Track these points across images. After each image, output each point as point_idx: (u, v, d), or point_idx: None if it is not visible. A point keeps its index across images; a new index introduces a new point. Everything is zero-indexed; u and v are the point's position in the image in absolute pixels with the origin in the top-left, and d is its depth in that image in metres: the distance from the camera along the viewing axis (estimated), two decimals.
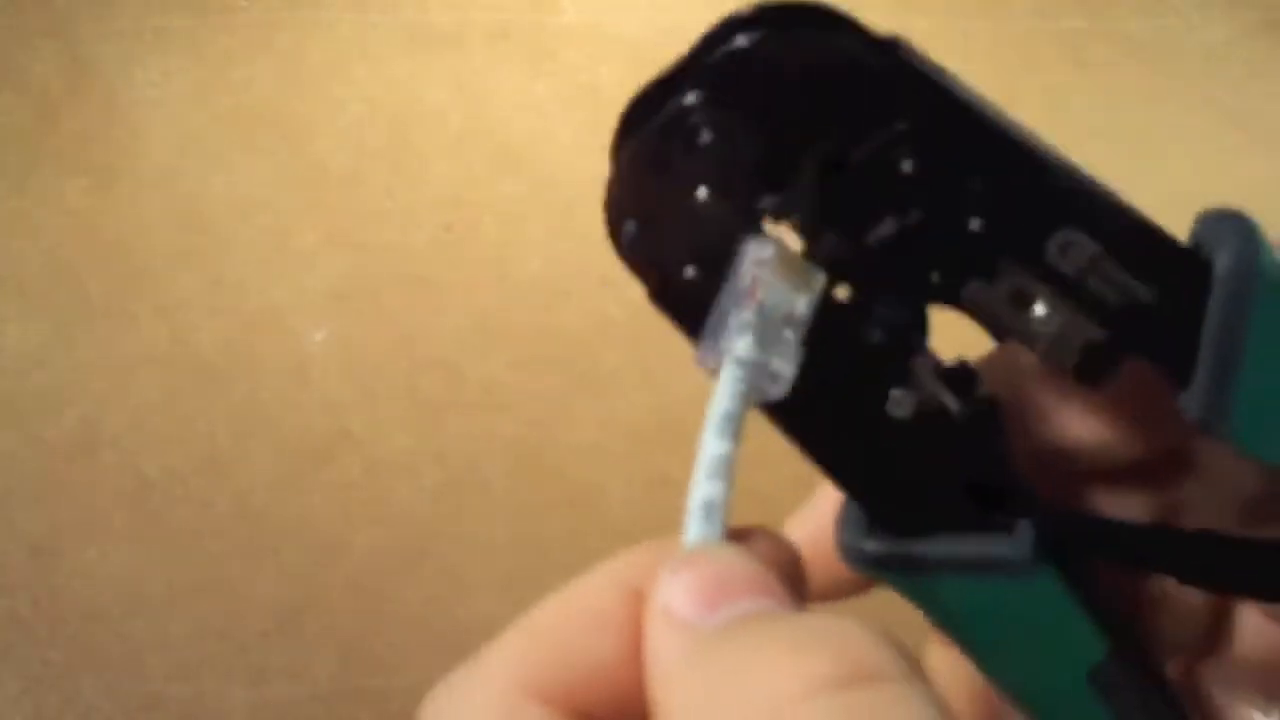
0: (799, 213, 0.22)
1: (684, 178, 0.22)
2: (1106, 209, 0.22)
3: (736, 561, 0.19)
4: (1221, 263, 0.22)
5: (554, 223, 0.59)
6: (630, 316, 0.57)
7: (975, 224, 0.22)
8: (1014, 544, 0.24)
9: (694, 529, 0.20)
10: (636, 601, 0.20)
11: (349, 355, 0.54)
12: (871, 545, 0.25)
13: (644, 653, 0.19)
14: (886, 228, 0.22)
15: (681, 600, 0.19)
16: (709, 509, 0.20)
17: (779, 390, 0.22)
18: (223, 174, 0.60)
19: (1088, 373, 0.23)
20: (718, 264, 0.22)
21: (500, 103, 0.64)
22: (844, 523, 0.25)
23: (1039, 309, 0.23)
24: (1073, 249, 0.22)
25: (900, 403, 0.23)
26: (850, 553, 0.25)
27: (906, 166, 0.22)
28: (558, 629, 0.20)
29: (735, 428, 0.20)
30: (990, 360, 0.25)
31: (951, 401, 0.23)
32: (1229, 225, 0.22)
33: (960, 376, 0.24)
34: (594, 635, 0.20)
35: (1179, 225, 0.23)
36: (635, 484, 0.52)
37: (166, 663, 0.45)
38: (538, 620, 0.20)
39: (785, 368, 0.22)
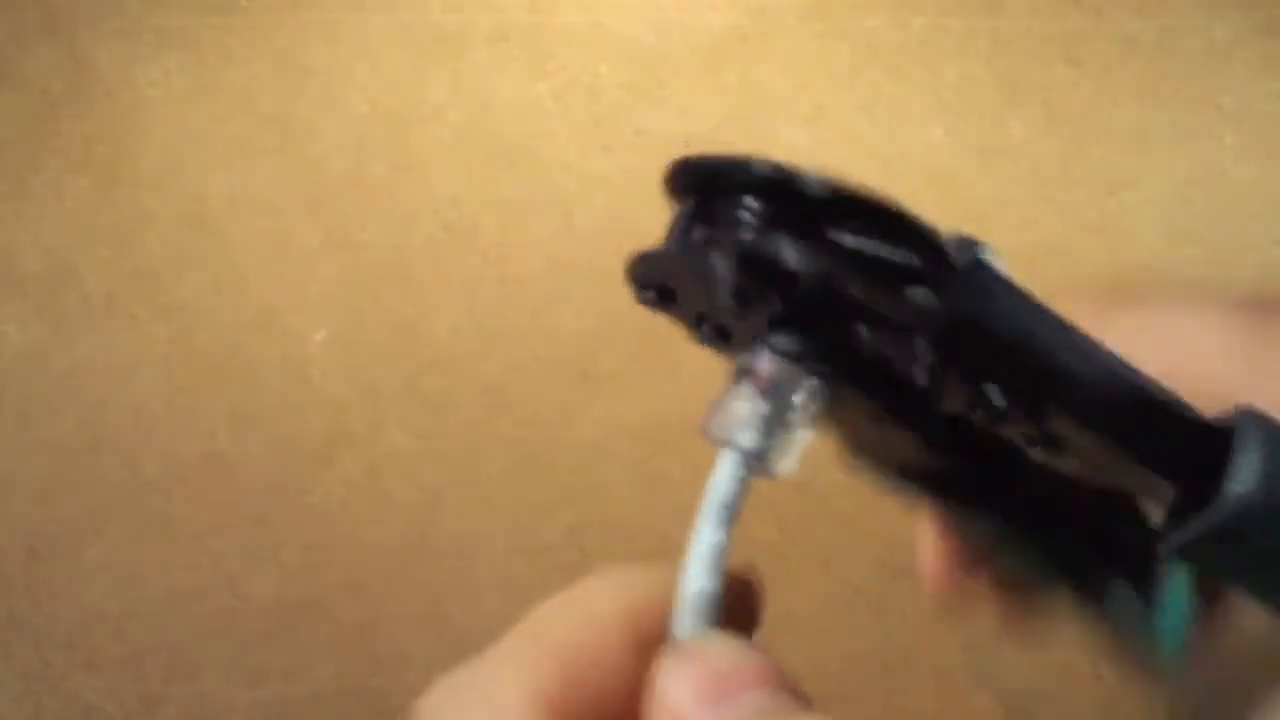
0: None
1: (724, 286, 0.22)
2: (1113, 405, 0.21)
3: (738, 655, 0.19)
4: (1235, 486, 0.20)
5: (554, 223, 0.59)
6: (630, 316, 0.57)
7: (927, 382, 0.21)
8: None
9: (689, 620, 0.20)
10: (636, 631, 0.20)
11: (349, 355, 0.54)
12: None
13: None
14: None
15: (683, 695, 0.19)
16: (706, 600, 0.20)
17: (777, 472, 0.21)
18: (223, 174, 0.60)
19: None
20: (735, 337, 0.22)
21: (500, 103, 0.64)
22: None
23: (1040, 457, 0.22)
24: (1070, 429, 0.21)
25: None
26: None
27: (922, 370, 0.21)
28: (566, 644, 0.20)
29: (731, 516, 0.20)
30: None
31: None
32: (1253, 430, 0.21)
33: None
34: (600, 656, 0.20)
35: (1180, 224, 0.23)
36: (635, 484, 0.52)
37: (166, 663, 0.45)
38: (544, 631, 0.20)
39: (785, 462, 0.21)
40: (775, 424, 0.21)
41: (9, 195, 0.58)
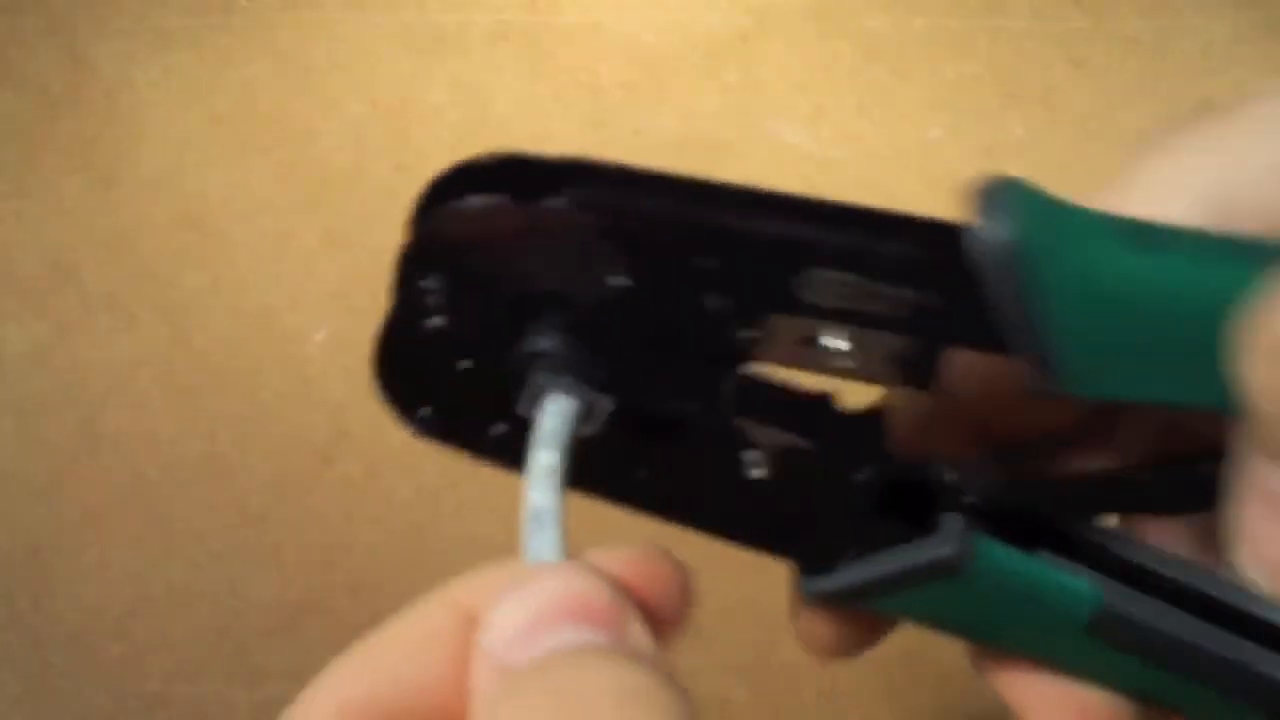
0: (567, 359, 0.23)
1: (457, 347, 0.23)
2: (850, 231, 0.22)
3: (562, 588, 0.19)
4: (981, 237, 0.21)
5: None
6: None
7: (719, 300, 0.22)
8: (941, 542, 0.24)
9: (531, 540, 0.20)
10: (468, 625, 0.20)
11: (349, 355, 0.54)
12: (814, 588, 0.26)
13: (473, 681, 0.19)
14: (651, 332, 0.23)
15: (501, 631, 0.19)
16: (545, 516, 0.20)
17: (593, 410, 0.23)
18: (223, 174, 0.60)
19: (912, 380, 0.23)
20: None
21: (500, 103, 0.64)
22: (796, 577, 0.26)
23: (833, 343, 0.23)
24: (827, 283, 0.22)
25: (754, 464, 0.24)
26: (809, 601, 0.26)
27: (621, 282, 0.22)
28: (386, 651, 0.20)
29: (558, 441, 0.22)
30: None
31: (801, 441, 0.24)
32: (987, 193, 0.22)
33: (815, 409, 0.24)
34: (420, 657, 0.20)
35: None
36: None
37: (166, 663, 0.45)
38: (370, 643, 0.20)
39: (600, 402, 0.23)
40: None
41: (8, 195, 0.58)
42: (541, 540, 0.20)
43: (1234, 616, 0.26)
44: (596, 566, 0.20)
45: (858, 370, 0.23)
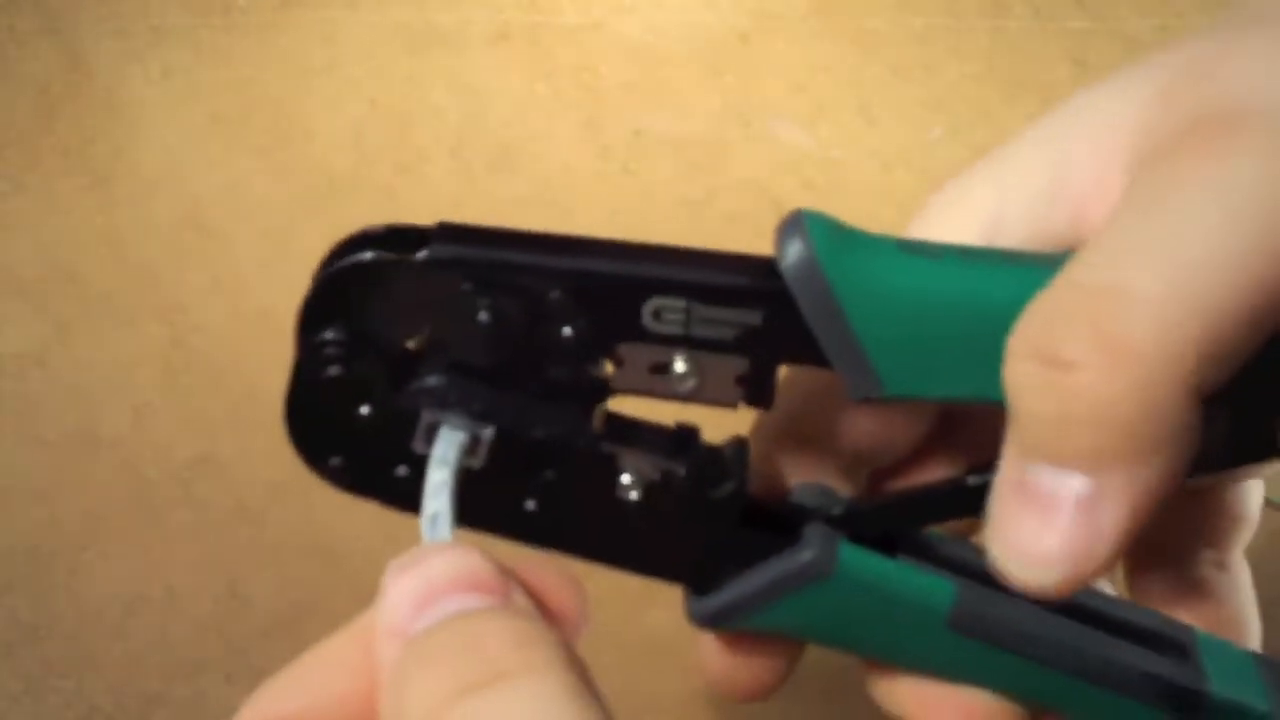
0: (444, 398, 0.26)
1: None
2: (678, 267, 0.25)
3: (451, 563, 0.21)
4: (784, 260, 0.25)
5: (554, 223, 0.59)
6: None
7: (573, 331, 0.25)
8: (805, 549, 0.27)
9: (426, 538, 0.23)
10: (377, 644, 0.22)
11: None
12: (698, 608, 0.28)
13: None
14: (521, 366, 0.26)
15: (398, 603, 0.21)
16: (438, 520, 0.23)
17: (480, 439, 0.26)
18: (223, 174, 0.60)
19: (753, 399, 0.27)
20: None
21: (500, 103, 0.64)
22: (687, 598, 0.29)
23: (678, 367, 0.26)
24: (667, 311, 0.25)
25: (628, 488, 0.27)
26: (695, 622, 0.28)
27: (486, 321, 0.25)
28: (306, 672, 0.23)
29: (446, 460, 0.25)
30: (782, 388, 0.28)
31: (669, 465, 0.27)
32: (786, 224, 0.25)
33: (681, 439, 0.27)
34: (337, 672, 0.22)
35: None
36: None
37: (166, 663, 0.45)
38: (292, 668, 0.23)
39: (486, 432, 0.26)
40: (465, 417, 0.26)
41: (8, 195, 0.58)
42: (436, 536, 0.23)
43: (1081, 610, 0.29)
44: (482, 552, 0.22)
45: (704, 394, 0.26)
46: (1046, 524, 0.23)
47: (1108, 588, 0.33)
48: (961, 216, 0.28)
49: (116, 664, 0.45)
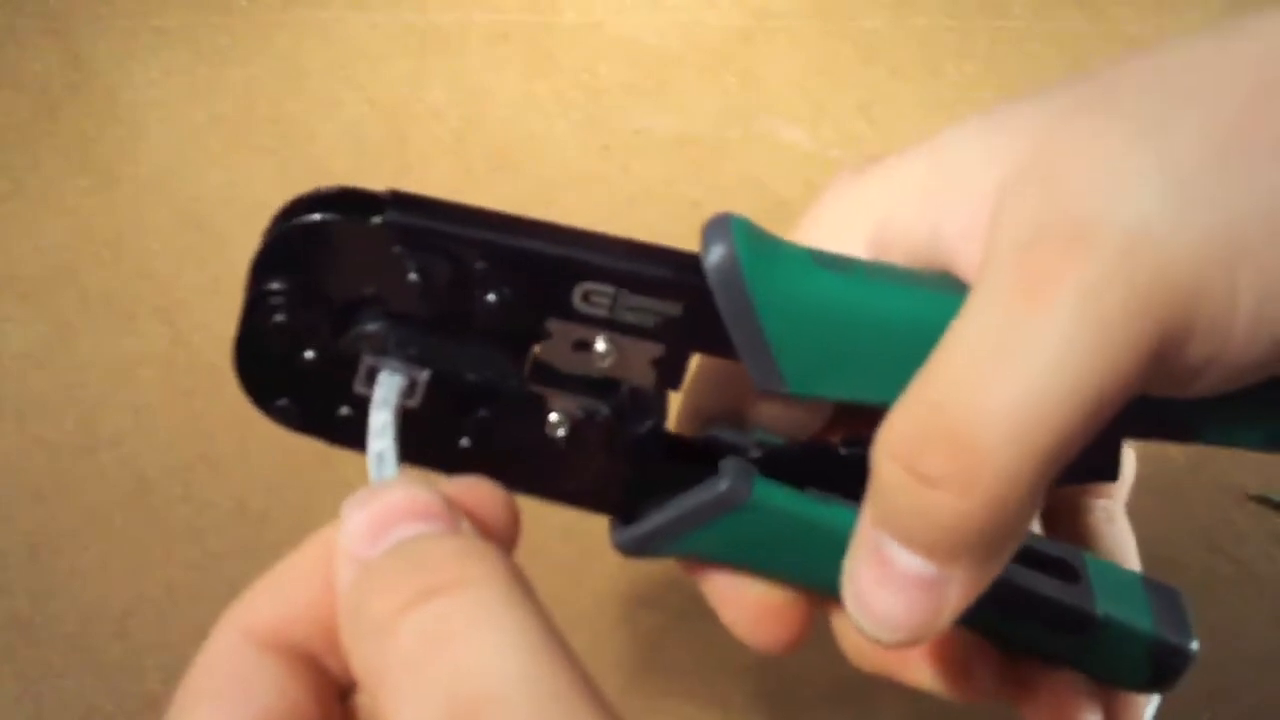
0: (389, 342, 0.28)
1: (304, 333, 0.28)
2: (610, 256, 0.27)
3: (402, 494, 0.23)
4: (708, 261, 0.27)
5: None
6: None
7: (509, 298, 0.27)
8: (721, 481, 0.29)
9: (373, 475, 0.25)
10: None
11: None
12: (621, 536, 0.30)
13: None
14: (460, 324, 0.28)
15: (354, 531, 0.23)
16: (384, 457, 0.25)
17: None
18: (223, 174, 0.60)
19: (665, 382, 0.29)
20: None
21: (500, 103, 0.64)
22: (611, 528, 0.31)
23: (599, 347, 0.28)
24: (595, 295, 0.27)
25: (556, 426, 0.29)
26: (618, 549, 0.31)
27: (426, 281, 0.27)
28: (276, 584, 0.24)
29: (387, 404, 0.27)
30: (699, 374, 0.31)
31: (596, 404, 0.29)
32: (712, 226, 0.27)
33: (604, 383, 0.29)
34: (301, 580, 0.24)
35: None
36: None
37: (166, 663, 0.45)
38: (263, 580, 0.24)
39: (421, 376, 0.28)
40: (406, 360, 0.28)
41: (8, 195, 0.58)
42: (383, 473, 0.25)
43: None
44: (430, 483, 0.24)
45: (620, 373, 0.28)
46: (893, 592, 0.25)
47: None
48: (847, 228, 0.30)
49: (116, 664, 0.45)
